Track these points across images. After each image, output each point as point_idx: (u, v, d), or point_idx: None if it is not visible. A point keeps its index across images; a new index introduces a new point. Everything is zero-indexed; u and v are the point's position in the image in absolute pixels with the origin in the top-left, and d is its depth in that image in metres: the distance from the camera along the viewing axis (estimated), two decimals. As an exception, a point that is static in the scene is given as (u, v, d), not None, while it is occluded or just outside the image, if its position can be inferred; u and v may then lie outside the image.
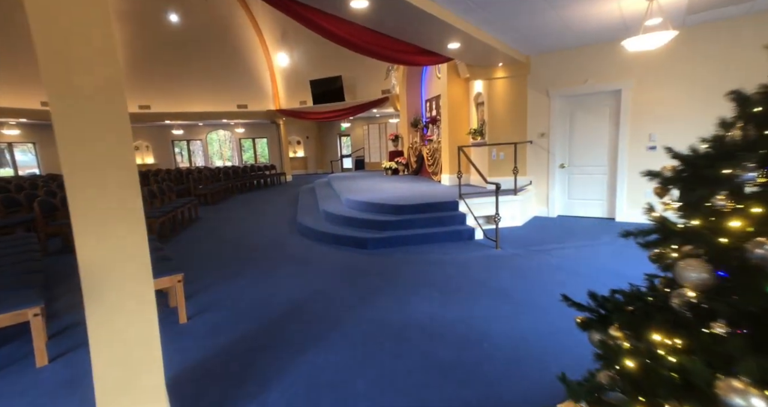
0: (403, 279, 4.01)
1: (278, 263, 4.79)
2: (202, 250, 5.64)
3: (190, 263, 4.98)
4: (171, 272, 3.13)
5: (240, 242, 6.02)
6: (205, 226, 7.46)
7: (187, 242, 6.13)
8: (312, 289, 3.85)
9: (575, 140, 6.51)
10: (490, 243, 5.21)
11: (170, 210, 6.64)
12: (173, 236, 6.65)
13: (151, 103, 14.09)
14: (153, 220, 5.98)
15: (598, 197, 6.43)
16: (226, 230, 7.04)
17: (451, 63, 7.77)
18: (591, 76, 6.12)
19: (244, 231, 6.85)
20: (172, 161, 16.78)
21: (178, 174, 11.99)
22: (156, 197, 7.36)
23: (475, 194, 6.20)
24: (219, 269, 4.63)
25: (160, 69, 14.03)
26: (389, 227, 5.59)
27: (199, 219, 8.21)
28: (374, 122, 14.65)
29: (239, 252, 5.43)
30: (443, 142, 8.26)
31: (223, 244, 5.96)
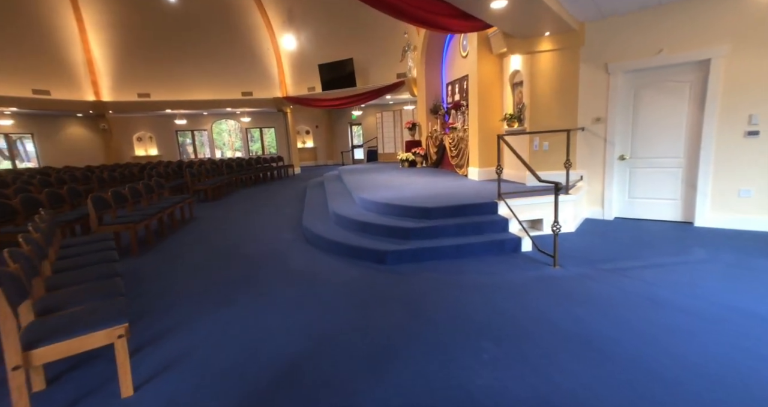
0: (436, 315, 2.95)
1: (276, 286, 3.78)
2: (186, 264, 4.66)
3: (166, 284, 4.00)
4: (107, 324, 2.13)
5: (234, 252, 5.03)
6: (199, 229, 6.50)
7: (171, 253, 5.16)
8: (316, 332, 2.82)
9: (641, 125, 5.28)
10: (542, 258, 4.10)
11: (155, 212, 5.67)
12: (158, 242, 5.70)
13: (150, 91, 13.18)
14: (130, 225, 5.03)
15: (669, 196, 5.23)
16: (221, 234, 6.06)
17: (481, 37, 6.57)
18: (667, 45, 4.86)
19: (242, 236, 5.86)
20: (176, 153, 15.94)
21: (178, 168, 11.09)
22: (142, 196, 6.40)
23: (517, 193, 5.06)
24: (201, 295, 3.64)
25: (159, 55, 13.07)
26: (414, 235, 4.52)
27: (194, 220, 7.26)
28: (388, 110, 13.49)
29: (231, 268, 4.43)
30: (471, 130, 7.10)
31: (213, 255, 4.97)
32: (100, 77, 12.81)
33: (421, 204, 4.92)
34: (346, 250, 4.61)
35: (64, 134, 13.17)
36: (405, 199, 5.36)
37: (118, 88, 13.00)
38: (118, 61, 12.85)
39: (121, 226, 5.09)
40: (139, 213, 5.53)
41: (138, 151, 15.22)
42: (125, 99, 13.12)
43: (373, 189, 6.44)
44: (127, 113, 14.07)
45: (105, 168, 11.30)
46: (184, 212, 7.31)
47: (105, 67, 12.77)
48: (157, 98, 13.30)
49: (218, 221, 7.09)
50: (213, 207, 8.57)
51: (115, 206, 5.59)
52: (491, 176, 6.98)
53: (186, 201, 7.13)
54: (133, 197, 6.12)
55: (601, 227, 5.21)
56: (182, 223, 6.98)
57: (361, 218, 5.11)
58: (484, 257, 4.27)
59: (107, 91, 13.03)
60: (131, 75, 12.88)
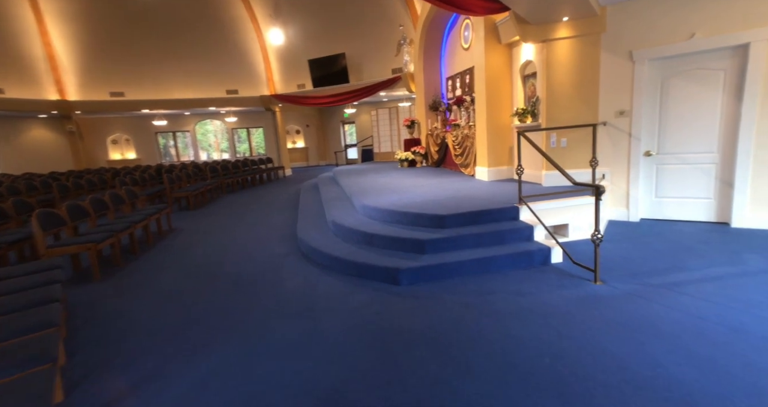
0: (474, 359, 2.41)
1: (269, 319, 3.18)
2: (159, 291, 4.02)
3: (131, 321, 3.37)
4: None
5: (218, 273, 4.41)
6: (177, 244, 5.82)
7: (142, 276, 4.48)
8: (320, 388, 2.25)
9: (669, 118, 4.82)
10: (577, 271, 3.59)
11: (124, 227, 4.96)
12: (128, 263, 5.02)
13: (124, 89, 12.33)
14: (90, 245, 4.30)
15: (701, 195, 4.78)
16: (202, 250, 5.42)
17: (488, 26, 6.05)
18: (699, 28, 4.39)
19: (227, 252, 5.24)
20: (157, 156, 15.11)
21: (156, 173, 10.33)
22: (108, 208, 5.66)
23: (538, 195, 4.55)
24: (175, 335, 3.02)
25: (134, 50, 12.23)
26: (430, 248, 3.97)
27: (173, 233, 6.57)
28: (383, 107, 12.91)
29: (213, 295, 3.81)
30: (478, 127, 6.57)
31: (193, 277, 4.33)
32: (64, 74, 11.84)
33: (433, 211, 4.38)
34: (350, 267, 4.04)
35: (25, 138, 12.15)
36: (413, 205, 4.80)
37: (87, 87, 12.08)
38: (86, 57, 11.90)
39: (79, 247, 4.32)
40: (104, 229, 4.82)
41: (113, 154, 14.34)
42: (95, 98, 12.17)
43: (375, 193, 5.88)
44: (98, 114, 13.15)
45: (72, 174, 10.39)
46: (161, 224, 6.60)
47: (70, 63, 11.83)
48: (132, 97, 12.44)
49: (200, 233, 6.43)
50: (195, 217, 7.88)
51: (72, 221, 4.84)
52: (501, 176, 6.48)
53: (163, 211, 6.45)
54: (97, 210, 5.39)
55: (630, 231, 4.73)
56: (158, 237, 6.28)
57: (365, 229, 4.54)
58: (511, 271, 3.75)
59: (74, 90, 12.08)
60: (102, 72, 11.99)
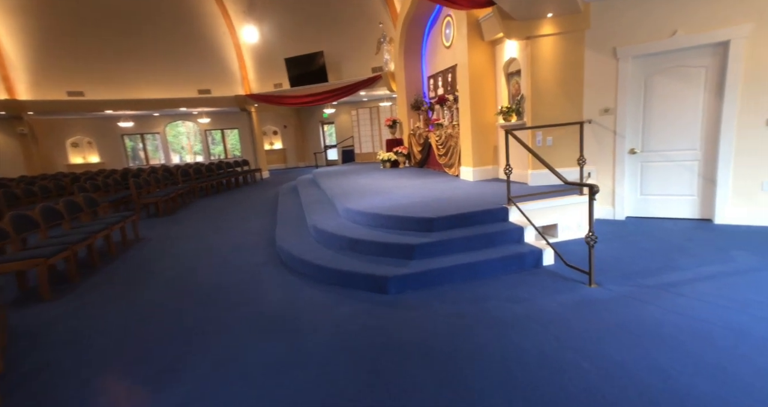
0: (473, 377, 2.23)
1: (245, 338, 2.91)
2: (119, 310, 3.65)
3: (84, 349, 3.02)
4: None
5: (188, 287, 4.08)
6: (144, 255, 5.42)
7: (100, 293, 4.06)
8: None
9: (652, 116, 4.80)
10: (570, 273, 3.48)
11: (80, 239, 4.50)
12: (86, 278, 4.57)
13: (84, 88, 11.60)
14: (39, 260, 3.84)
15: (685, 192, 4.79)
16: (172, 261, 5.05)
17: (471, 23, 5.93)
18: (681, 26, 4.38)
19: (200, 262, 4.90)
20: (124, 159, 14.36)
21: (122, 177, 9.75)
22: (63, 218, 5.18)
23: (526, 195, 4.44)
24: (134, 365, 2.68)
25: (95, 47, 11.53)
26: (419, 253, 3.78)
27: (140, 242, 6.13)
28: (363, 107, 12.67)
29: (182, 313, 3.49)
30: (463, 126, 6.45)
31: (159, 293, 3.98)
32: (12, 71, 10.95)
33: (420, 214, 4.19)
34: (334, 276, 3.80)
35: (-31, 140, 11.28)
36: (399, 207, 4.61)
37: (40, 85, 11.24)
38: (39, 54, 11.04)
39: (24, 263, 3.84)
40: (56, 241, 4.36)
41: (74, 158, 13.50)
42: (51, 98, 11.34)
43: (358, 196, 5.65)
44: (55, 115, 12.29)
45: (24, 181, 9.64)
46: (126, 234, 6.13)
47: (20, 59, 10.96)
48: (93, 97, 11.69)
49: (170, 241, 6.03)
50: (165, 224, 7.43)
51: (17, 234, 4.38)
52: (486, 176, 6.38)
53: (128, 219, 6.01)
54: (49, 220, 4.89)
55: (617, 230, 4.69)
56: (123, 248, 5.83)
57: (348, 234, 4.31)
58: (504, 276, 3.60)
59: (26, 89, 11.19)
60: (58, 70, 11.21)
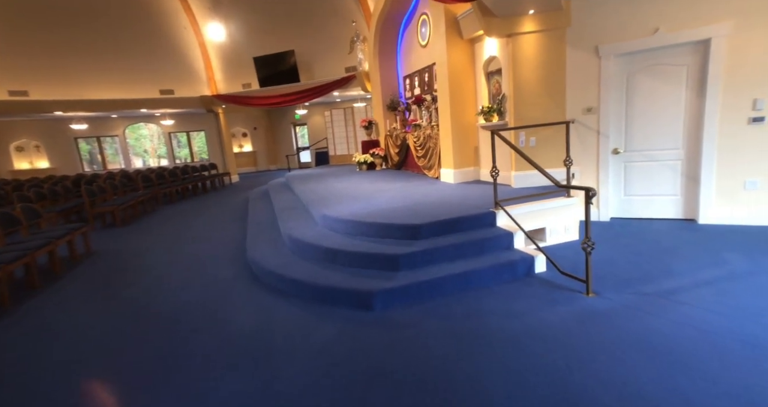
0: (480, 405, 1.95)
1: (210, 371, 2.52)
2: (57, 342, 3.17)
3: (9, 397, 2.56)
4: None
5: (145, 309, 3.60)
6: (94, 272, 4.84)
7: (34, 322, 3.50)
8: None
9: (635, 115, 4.74)
10: (564, 281, 3.29)
11: (12, 259, 3.89)
12: (21, 301, 3.95)
13: (28, 88, 10.60)
14: None
15: (668, 192, 4.74)
16: (127, 279, 4.52)
17: (449, 20, 5.73)
18: (663, 24, 4.32)
19: (160, 279, 4.41)
20: (77, 164, 13.31)
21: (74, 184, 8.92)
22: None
23: (513, 199, 4.24)
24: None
25: (40, 43, 10.54)
26: (405, 264, 3.49)
27: (91, 257, 5.50)
28: (337, 107, 12.31)
29: (137, 341, 3.05)
30: (442, 127, 6.23)
31: (109, 319, 3.49)
32: None
33: (404, 220, 3.90)
34: (312, 292, 3.45)
35: None
36: (380, 213, 4.30)
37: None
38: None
39: None
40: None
41: (19, 164, 12.35)
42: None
43: (335, 201, 5.30)
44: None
45: None
46: (75, 248, 5.47)
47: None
48: (38, 97, 10.68)
49: (127, 255, 5.45)
50: (122, 235, 6.78)
51: None
52: (467, 178, 6.18)
53: (78, 231, 5.39)
54: None
55: (604, 232, 4.58)
56: (70, 264, 5.21)
57: (327, 244, 3.96)
58: (496, 286, 3.36)
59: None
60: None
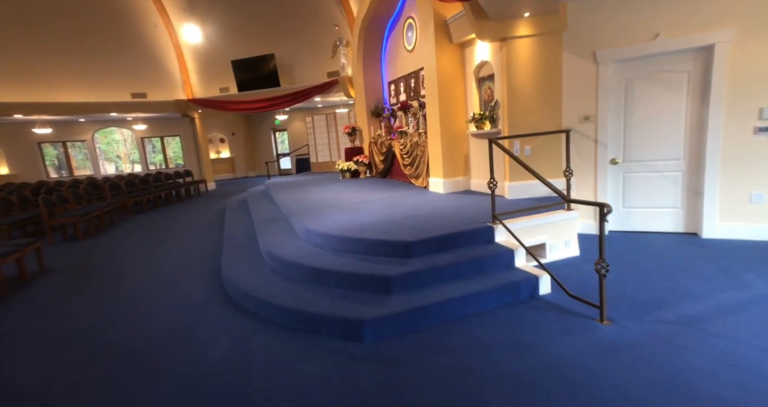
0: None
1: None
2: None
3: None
4: None
5: (101, 341, 3.12)
6: (46, 293, 4.27)
7: None
8: None
9: (634, 124, 4.55)
10: (571, 305, 2.98)
11: None
12: None
13: (-15, 89, 9.83)
14: None
15: (669, 205, 4.55)
16: (83, 302, 4.00)
17: (438, 23, 5.47)
18: (664, 29, 4.15)
19: (121, 303, 3.90)
20: (41, 171, 12.43)
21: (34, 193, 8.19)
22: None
23: (513, 212, 3.94)
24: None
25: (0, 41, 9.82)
26: (398, 286, 3.12)
27: (45, 275, 4.92)
28: (319, 113, 11.91)
29: (89, 381, 2.58)
30: (431, 134, 5.94)
31: (59, 351, 3.01)
32: None
33: (396, 236, 3.54)
34: (295, 319, 3.03)
35: None
36: (369, 228, 3.93)
37: None
38: None
39: None
40: None
41: (-26, 170, 11.48)
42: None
43: (319, 213, 4.90)
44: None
45: None
46: (25, 266, 4.82)
47: None
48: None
49: (85, 274, 4.89)
50: (84, 249, 6.17)
51: None
52: (457, 188, 5.89)
53: (29, 247, 4.80)
54: None
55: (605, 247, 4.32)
56: (17, 286, 4.60)
57: (311, 262, 3.56)
58: (499, 311, 3.03)
59: None
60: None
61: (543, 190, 4.76)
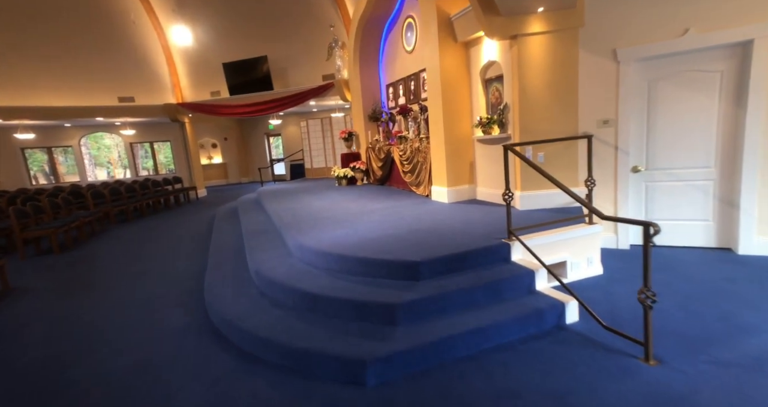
0: None
1: None
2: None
3: None
4: None
5: (52, 382, 2.65)
6: (3, 320, 3.80)
7: None
8: None
9: (659, 128, 4.16)
10: (605, 337, 2.55)
11: None
12: None
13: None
14: None
15: (698, 217, 4.15)
16: (44, 329, 3.52)
17: (441, 21, 5.09)
18: (695, 23, 3.77)
19: (88, 332, 3.43)
20: (25, 178, 11.89)
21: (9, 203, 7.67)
22: None
23: (531, 227, 3.52)
24: None
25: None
26: (405, 316, 2.68)
27: (9, 296, 4.42)
28: (314, 117, 11.50)
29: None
30: (435, 139, 5.52)
31: (7, 396, 2.54)
32: None
33: (401, 255, 3.10)
34: (286, 356, 2.58)
35: None
36: (369, 244, 3.49)
37: None
38: None
39: None
40: None
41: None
42: None
43: (313, 225, 4.45)
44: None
45: None
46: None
47: None
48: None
49: (50, 296, 4.37)
50: (58, 265, 5.66)
51: None
52: (462, 197, 5.47)
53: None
54: None
55: (631, 265, 3.91)
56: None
57: (305, 286, 3.11)
58: (522, 345, 2.59)
59: None
60: None
61: (558, 200, 4.36)
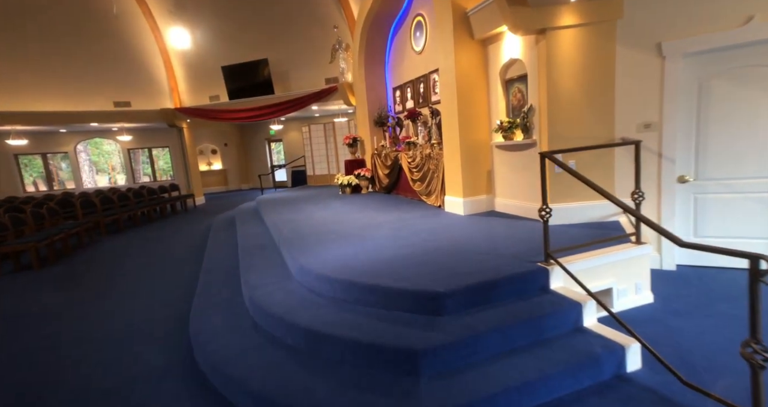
0: None
1: None
2: None
3: None
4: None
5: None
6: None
7: None
8: None
9: (711, 133, 3.65)
10: (682, 394, 2.02)
11: None
12: None
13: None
14: None
15: (757, 234, 3.61)
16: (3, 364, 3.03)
17: (457, 17, 4.66)
18: (760, 10, 3.28)
19: (42, 373, 2.92)
20: (17, 184, 11.48)
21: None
22: None
23: (571, 248, 3.01)
24: None
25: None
26: (429, 365, 2.16)
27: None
28: (316, 122, 11.05)
29: None
30: (449, 146, 5.03)
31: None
32: None
33: (419, 283, 2.59)
34: (280, 421, 2.06)
35: None
36: (381, 267, 2.97)
37: None
38: None
39: None
40: None
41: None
42: None
43: (317, 241, 3.95)
44: None
45: None
46: None
47: None
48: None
49: (14, 323, 3.85)
50: (36, 283, 5.15)
51: None
52: (479, 209, 4.96)
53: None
54: None
55: (682, 290, 3.38)
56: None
57: (307, 322, 2.59)
58: (576, 402, 2.06)
59: None
60: None
61: (591, 214, 3.86)
